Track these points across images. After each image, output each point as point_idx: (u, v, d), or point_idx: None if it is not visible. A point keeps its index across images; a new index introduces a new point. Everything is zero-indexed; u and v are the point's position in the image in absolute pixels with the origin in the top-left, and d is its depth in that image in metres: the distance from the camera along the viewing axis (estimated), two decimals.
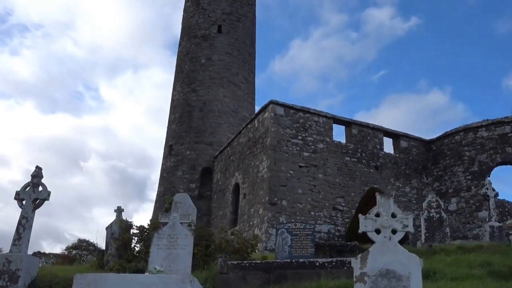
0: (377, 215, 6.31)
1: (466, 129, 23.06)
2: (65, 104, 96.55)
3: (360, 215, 6.38)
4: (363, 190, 21.35)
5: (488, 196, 18.97)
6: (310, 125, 21.68)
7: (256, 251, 12.89)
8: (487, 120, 22.68)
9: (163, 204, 26.09)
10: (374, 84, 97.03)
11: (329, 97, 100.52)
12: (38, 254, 21.82)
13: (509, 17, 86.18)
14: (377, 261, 5.91)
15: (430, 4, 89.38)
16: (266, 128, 21.08)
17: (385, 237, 6.11)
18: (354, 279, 5.91)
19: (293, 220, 17.88)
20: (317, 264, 9.55)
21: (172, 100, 29.87)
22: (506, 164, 21.99)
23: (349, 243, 12.94)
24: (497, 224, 18.46)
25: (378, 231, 6.19)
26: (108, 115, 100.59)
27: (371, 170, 22.50)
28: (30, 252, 10.13)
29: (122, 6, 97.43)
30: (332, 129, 22.32)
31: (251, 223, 20.78)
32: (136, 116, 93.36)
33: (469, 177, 22.21)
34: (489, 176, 22.17)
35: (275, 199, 19.77)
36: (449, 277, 8.89)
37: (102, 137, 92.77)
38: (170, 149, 27.89)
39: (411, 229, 6.25)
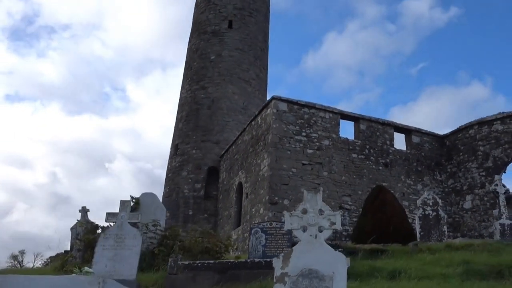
0: (304, 211, 6.01)
1: (480, 123, 21.84)
2: (92, 105, 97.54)
3: (285, 212, 6.24)
4: (371, 188, 20.33)
5: (497, 192, 17.92)
6: (315, 121, 20.83)
7: (231, 251, 12.29)
8: (503, 113, 21.44)
9: (168, 205, 25.65)
10: (412, 77, 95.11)
11: (366, 92, 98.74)
12: None
13: None
14: (300, 260, 5.68)
15: None
16: (268, 125, 20.34)
17: (310, 235, 5.86)
18: (274, 280, 5.68)
19: (266, 219, 17.19)
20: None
21: (180, 98, 29.28)
22: None
23: (330, 242, 12.10)
24: (508, 222, 17.42)
25: (305, 229, 5.90)
26: (135, 116, 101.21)
27: (380, 167, 21.51)
28: None
29: (150, 5, 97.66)
30: (339, 125, 21.40)
31: (253, 223, 20.05)
32: (164, 116, 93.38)
33: (483, 173, 21.03)
34: (505, 172, 21.07)
35: (276, 198, 19.02)
36: (416, 277, 8.47)
37: (128, 138, 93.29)
38: (176, 149, 27.31)
39: (338, 226, 6.04)
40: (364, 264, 9.65)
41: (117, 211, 8.76)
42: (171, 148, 28.16)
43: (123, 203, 8.82)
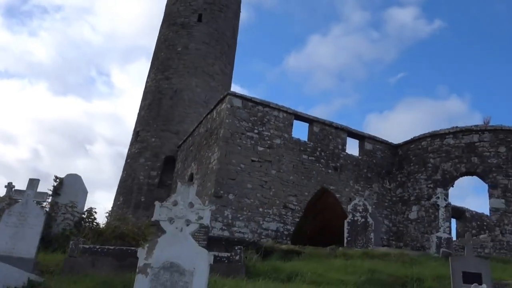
0: (175, 203, 5.94)
1: (433, 135, 22.18)
2: (77, 88, 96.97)
3: (156, 202, 6.06)
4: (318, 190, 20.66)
5: (438, 205, 18.34)
6: (268, 120, 21.02)
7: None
8: (456, 127, 21.80)
9: (123, 190, 25.75)
10: (391, 86, 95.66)
11: (344, 96, 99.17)
12: None
13: None
14: (163, 253, 5.62)
15: (457, 7, 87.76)
16: (221, 120, 20.50)
17: (176, 228, 5.79)
18: (137, 270, 5.57)
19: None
20: None
21: (145, 86, 29.34)
22: (470, 175, 21.08)
23: (248, 239, 12.34)
24: (445, 235, 17.78)
25: (172, 221, 5.84)
26: (117, 101, 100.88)
27: (330, 171, 21.76)
28: None
29: None
30: (292, 125, 21.61)
31: None
32: None
33: (431, 185, 21.36)
34: (452, 186, 21.40)
35: (221, 192, 19.16)
36: (312, 281, 8.57)
37: (110, 123, 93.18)
38: (136, 136, 27.40)
39: (206, 221, 5.95)
40: (269, 264, 9.80)
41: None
42: (132, 135, 28.23)
43: (31, 181, 8.84)
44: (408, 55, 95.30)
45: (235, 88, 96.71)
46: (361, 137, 23.30)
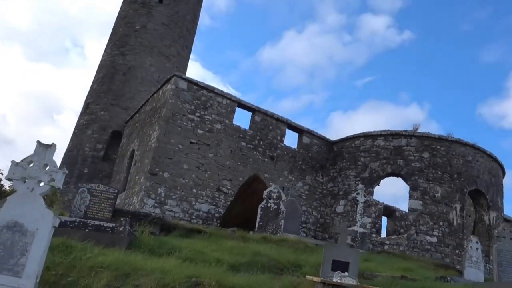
0: (30, 163, 5.97)
1: (366, 136, 23.31)
2: (50, 56, 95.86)
3: (12, 160, 5.96)
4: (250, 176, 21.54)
5: (357, 201, 19.41)
6: (211, 104, 21.77)
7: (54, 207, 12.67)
8: (387, 130, 22.94)
9: (68, 160, 26.21)
10: (358, 88, 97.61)
11: (312, 93, 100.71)
12: None
13: (495, 48, 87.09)
14: (10, 211, 5.60)
15: (427, 21, 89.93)
16: (165, 100, 21.16)
17: (28, 187, 5.79)
18: None
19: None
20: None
21: (101, 60, 29.72)
22: (395, 176, 22.25)
23: (153, 213, 13.07)
24: (361, 229, 18.88)
25: (25, 181, 5.85)
26: (89, 73, 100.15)
27: (266, 159, 22.68)
28: None
29: None
30: (234, 112, 22.41)
31: (134, 190, 20.92)
32: None
33: (359, 182, 22.45)
34: (378, 185, 22.57)
35: (157, 169, 19.84)
36: (188, 258, 8.82)
37: (79, 94, 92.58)
38: (86, 107, 27.84)
39: (58, 184, 5.93)
40: (157, 239, 10.15)
41: None
42: (82, 106, 28.61)
43: None
44: (377, 61, 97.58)
45: (207, 73, 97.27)
46: (300, 131, 24.26)
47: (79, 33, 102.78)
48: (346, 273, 8.28)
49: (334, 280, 7.88)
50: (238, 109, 22.76)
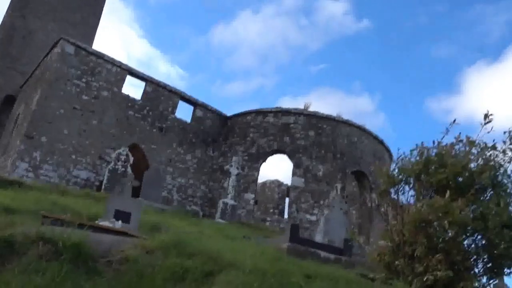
0: None
1: (258, 112, 23.43)
2: None
3: None
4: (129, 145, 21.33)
5: (230, 173, 19.48)
6: (100, 71, 21.38)
7: None
8: (278, 108, 23.09)
9: None
10: (311, 74, 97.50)
11: (264, 76, 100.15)
12: None
13: (449, 43, 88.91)
14: None
15: (385, 12, 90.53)
16: (51, 64, 20.67)
17: None
18: None
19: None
20: None
21: (1, 22, 28.76)
22: (281, 153, 22.43)
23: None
24: (232, 202, 18.95)
25: None
26: None
27: (154, 130, 22.46)
28: None
29: None
30: (123, 80, 22.10)
31: (10, 153, 20.40)
32: None
33: (246, 157, 22.55)
34: (264, 161, 22.69)
35: (34, 133, 19.37)
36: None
37: None
38: None
39: None
40: None
41: None
42: None
43: None
44: (332, 48, 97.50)
45: (155, 51, 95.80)
46: (194, 104, 24.12)
47: None
48: (120, 221, 8.28)
49: (100, 223, 7.85)
50: (129, 78, 22.44)
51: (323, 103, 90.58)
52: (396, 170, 7.39)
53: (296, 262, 6.60)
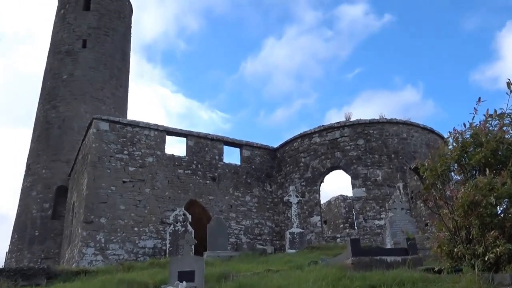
0: None
1: (302, 136, 23.04)
2: None
3: None
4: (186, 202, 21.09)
5: (290, 202, 19.04)
6: (139, 139, 21.29)
7: None
8: (320, 126, 22.63)
9: (17, 227, 25.65)
10: (349, 81, 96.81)
11: (304, 96, 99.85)
12: None
13: (475, 13, 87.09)
14: None
15: (402, 1, 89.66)
16: (90, 145, 20.70)
17: None
18: None
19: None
20: None
21: (35, 118, 29.26)
22: (336, 169, 21.89)
23: (37, 266, 12.59)
24: (298, 230, 18.47)
25: None
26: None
27: (207, 181, 22.16)
28: None
29: None
30: (164, 142, 21.95)
31: (75, 242, 20.36)
32: None
33: (304, 183, 22.11)
34: (322, 182, 22.11)
35: (92, 217, 19.29)
36: None
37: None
38: (28, 169, 27.32)
39: None
40: None
41: None
42: (25, 169, 28.09)
43: None
44: (362, 50, 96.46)
45: (192, 103, 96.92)
46: (239, 145, 23.81)
47: None
48: (184, 282, 8.01)
49: None
50: (169, 138, 22.32)
51: (370, 106, 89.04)
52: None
53: (360, 275, 6.78)
